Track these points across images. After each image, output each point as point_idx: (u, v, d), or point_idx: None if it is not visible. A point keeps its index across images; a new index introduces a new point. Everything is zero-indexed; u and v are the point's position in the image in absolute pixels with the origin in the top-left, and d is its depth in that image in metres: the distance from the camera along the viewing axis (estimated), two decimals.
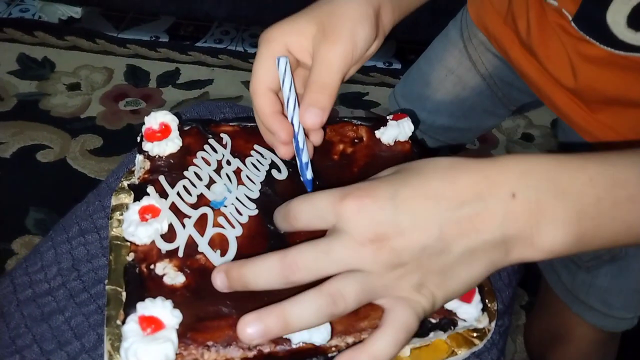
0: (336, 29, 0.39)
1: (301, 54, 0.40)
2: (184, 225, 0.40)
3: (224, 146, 0.46)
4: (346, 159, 0.47)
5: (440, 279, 0.30)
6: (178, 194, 0.42)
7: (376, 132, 0.49)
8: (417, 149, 0.49)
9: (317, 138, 0.43)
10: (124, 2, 1.54)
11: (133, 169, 0.50)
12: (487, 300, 0.41)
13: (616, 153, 0.32)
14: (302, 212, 0.32)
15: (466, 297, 0.36)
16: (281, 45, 0.40)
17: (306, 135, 0.42)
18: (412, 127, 0.49)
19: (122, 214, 0.46)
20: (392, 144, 0.48)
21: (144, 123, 0.46)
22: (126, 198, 0.47)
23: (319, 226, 0.32)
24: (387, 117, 0.50)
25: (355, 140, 0.49)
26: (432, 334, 0.37)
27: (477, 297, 0.37)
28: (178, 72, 1.54)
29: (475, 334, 0.40)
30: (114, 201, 0.47)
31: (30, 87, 1.47)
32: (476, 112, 0.69)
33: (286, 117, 0.41)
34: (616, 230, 0.31)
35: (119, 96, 1.46)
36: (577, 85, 0.52)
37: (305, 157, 0.41)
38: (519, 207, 0.29)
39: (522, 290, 1.12)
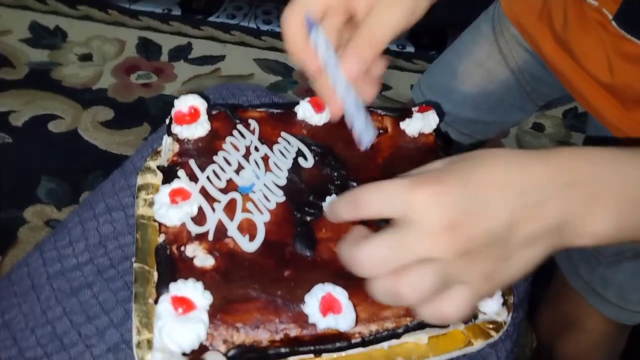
0: None
1: (359, 5, 0.39)
2: (213, 210, 0.41)
3: (252, 132, 0.46)
4: (371, 149, 0.47)
5: (503, 264, 0.31)
6: (208, 178, 0.42)
7: (401, 123, 0.49)
8: (441, 142, 0.49)
9: (371, 90, 0.41)
10: None
11: (159, 149, 0.50)
12: (505, 294, 0.42)
13: None
14: (373, 201, 0.32)
15: None
16: None
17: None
18: (437, 120, 0.49)
19: (148, 194, 0.47)
20: (416, 135, 0.49)
21: (160, 101, 0.46)
22: (152, 178, 0.48)
23: (387, 215, 0.31)
24: (413, 109, 0.50)
25: (380, 131, 0.49)
26: (451, 325, 0.39)
27: (498, 292, 0.38)
28: (190, 47, 1.53)
29: (491, 326, 0.41)
30: (139, 180, 0.48)
31: (42, 56, 1.46)
32: (503, 106, 0.69)
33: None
34: None
35: (131, 69, 1.46)
36: (614, 82, 0.52)
37: (359, 119, 0.38)
38: (575, 194, 0.31)
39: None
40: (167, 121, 0.47)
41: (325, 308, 0.36)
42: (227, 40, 1.56)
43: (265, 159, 0.45)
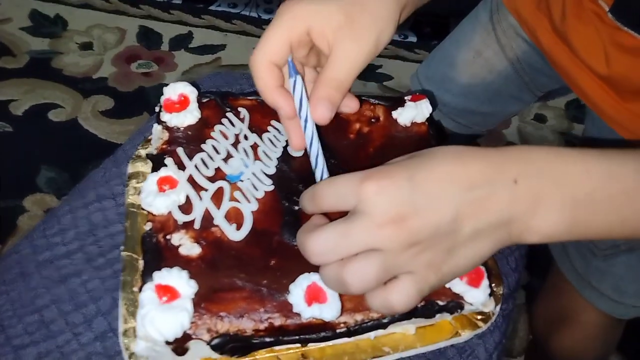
0: (364, 27, 0.39)
1: (320, 40, 0.39)
2: (200, 198, 0.40)
3: (242, 120, 0.46)
4: (362, 139, 0.47)
5: (448, 256, 0.32)
6: (196, 166, 0.42)
7: (393, 112, 0.49)
8: (434, 131, 0.49)
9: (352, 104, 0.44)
10: None
11: (150, 137, 0.50)
12: (493, 285, 0.42)
13: (616, 149, 0.33)
14: (326, 195, 0.33)
15: (474, 282, 0.37)
16: (304, 25, 0.39)
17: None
18: (430, 109, 0.48)
19: (138, 182, 0.47)
20: (408, 125, 0.48)
21: (161, 90, 0.46)
22: (142, 166, 0.48)
23: (341, 207, 0.33)
24: (405, 98, 0.49)
25: (372, 120, 0.49)
26: (438, 316, 0.38)
27: (485, 282, 0.37)
28: (191, 36, 1.53)
29: (479, 317, 0.41)
30: (130, 169, 0.48)
31: (42, 45, 1.46)
32: (501, 97, 0.68)
33: (288, 91, 0.41)
34: (610, 221, 0.33)
35: (131, 58, 1.45)
36: (610, 73, 0.52)
37: (320, 164, 0.40)
38: (520, 192, 0.31)
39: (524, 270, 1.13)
40: (157, 109, 0.46)
41: (310, 297, 0.35)
42: (228, 30, 1.56)
43: (255, 147, 0.44)
